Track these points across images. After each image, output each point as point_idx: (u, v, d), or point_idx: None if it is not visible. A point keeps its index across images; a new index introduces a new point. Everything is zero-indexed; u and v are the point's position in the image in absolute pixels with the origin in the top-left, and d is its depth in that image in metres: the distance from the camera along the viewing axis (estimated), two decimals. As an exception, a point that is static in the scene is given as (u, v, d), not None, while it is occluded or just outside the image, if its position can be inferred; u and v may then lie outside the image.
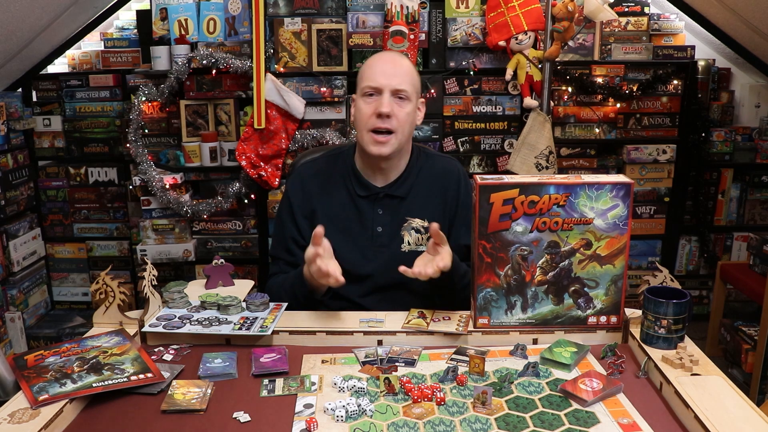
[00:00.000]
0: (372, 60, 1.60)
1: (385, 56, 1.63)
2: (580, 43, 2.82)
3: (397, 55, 1.63)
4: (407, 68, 1.58)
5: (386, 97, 1.52)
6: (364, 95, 1.56)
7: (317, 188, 1.64)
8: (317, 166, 1.68)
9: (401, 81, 1.53)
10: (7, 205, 2.81)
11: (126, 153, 2.85)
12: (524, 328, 1.35)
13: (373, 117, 1.52)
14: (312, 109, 2.77)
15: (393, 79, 1.52)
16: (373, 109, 1.52)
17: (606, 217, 1.29)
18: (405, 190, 1.61)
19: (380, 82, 1.52)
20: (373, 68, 1.56)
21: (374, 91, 1.53)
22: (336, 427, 1.05)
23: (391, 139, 1.53)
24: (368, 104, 1.54)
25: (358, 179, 1.62)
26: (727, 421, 1.00)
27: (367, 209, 1.61)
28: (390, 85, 1.52)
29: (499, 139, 2.82)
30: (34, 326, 2.96)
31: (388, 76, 1.53)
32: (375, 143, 1.53)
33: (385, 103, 1.51)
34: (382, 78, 1.53)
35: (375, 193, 1.61)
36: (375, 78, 1.53)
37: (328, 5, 2.73)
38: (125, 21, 3.11)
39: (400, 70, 1.55)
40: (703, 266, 3.12)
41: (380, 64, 1.56)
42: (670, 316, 1.23)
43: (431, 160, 1.68)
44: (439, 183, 1.64)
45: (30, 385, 1.13)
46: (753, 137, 3.01)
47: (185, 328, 1.35)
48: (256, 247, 2.92)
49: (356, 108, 1.59)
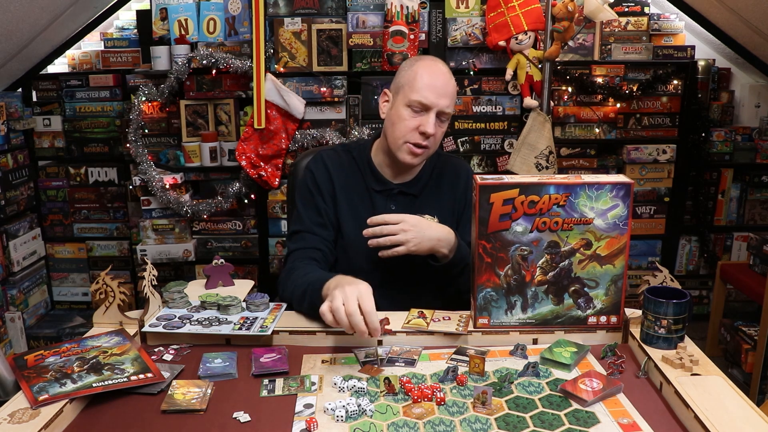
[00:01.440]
0: (422, 69, 1.54)
1: (437, 69, 1.55)
2: (580, 43, 2.82)
3: (448, 70, 1.58)
4: (453, 87, 1.57)
5: (432, 117, 1.52)
6: (408, 105, 1.53)
7: (339, 177, 1.65)
8: (337, 154, 1.70)
9: (449, 103, 1.54)
10: (7, 205, 2.81)
11: (126, 153, 2.85)
12: (524, 328, 1.35)
13: (416, 132, 1.53)
14: (312, 109, 2.77)
15: (442, 100, 1.52)
16: (416, 124, 1.52)
17: (606, 217, 1.29)
18: (419, 188, 1.66)
19: (431, 100, 1.51)
20: (424, 80, 1.52)
21: (422, 107, 1.52)
22: (336, 427, 1.05)
23: (425, 152, 1.57)
24: (413, 118, 1.53)
25: (374, 174, 1.65)
26: (727, 421, 1.00)
27: (381, 204, 1.64)
28: (439, 106, 1.52)
29: (499, 139, 2.82)
30: (34, 326, 2.96)
31: (439, 95, 1.51)
32: (411, 154, 1.56)
33: (431, 123, 1.51)
34: (434, 96, 1.51)
35: (390, 188, 1.64)
36: (426, 94, 1.51)
37: (328, 5, 2.73)
38: (125, 21, 3.11)
39: (450, 89, 1.55)
40: (703, 266, 3.12)
41: (431, 79, 1.52)
42: (670, 316, 1.23)
43: (442, 159, 1.72)
44: (450, 182, 1.69)
45: (30, 385, 1.13)
46: (753, 137, 3.01)
47: (185, 328, 1.35)
48: (256, 247, 2.92)
49: (397, 115, 1.55)
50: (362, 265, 1.60)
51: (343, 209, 1.62)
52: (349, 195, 1.64)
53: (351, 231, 1.61)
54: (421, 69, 1.55)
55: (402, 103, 1.55)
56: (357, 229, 1.56)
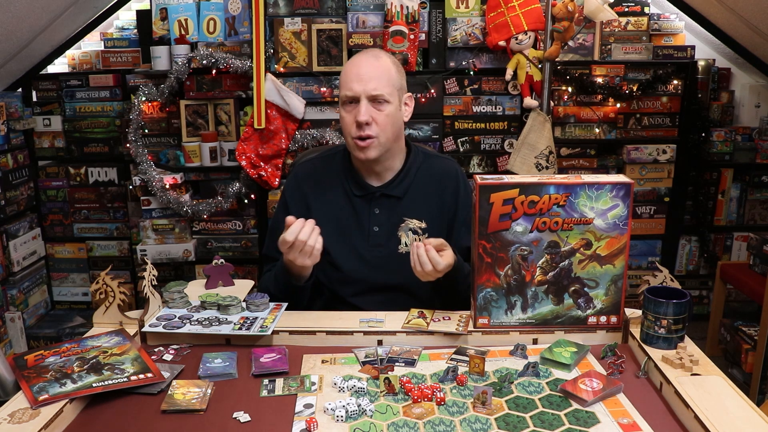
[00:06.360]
0: (347, 65, 1.56)
1: (359, 60, 1.55)
2: (580, 43, 2.82)
3: (371, 56, 1.56)
4: (383, 68, 1.53)
5: (363, 105, 1.50)
6: (343, 104, 1.54)
7: (313, 188, 1.63)
8: (313, 166, 1.68)
9: (377, 85, 1.50)
10: (7, 205, 2.81)
11: (126, 153, 2.85)
12: (524, 328, 1.35)
13: (354, 126, 1.52)
14: (312, 109, 2.77)
15: (368, 84, 1.49)
16: (353, 118, 1.51)
17: (606, 217, 1.29)
18: (402, 190, 1.61)
19: (355, 89, 1.50)
20: (348, 74, 1.53)
21: (351, 99, 1.51)
22: (336, 427, 1.05)
23: (373, 142, 1.52)
24: (348, 113, 1.53)
25: (355, 178, 1.62)
26: (727, 421, 1.00)
27: (364, 208, 1.60)
28: (365, 92, 1.49)
29: (499, 139, 2.82)
30: (34, 326, 2.96)
31: (363, 81, 1.50)
32: (359, 149, 1.53)
33: (363, 111, 1.49)
34: (357, 85, 1.50)
35: (371, 192, 1.60)
36: (350, 85, 1.51)
37: (328, 5, 2.73)
38: (125, 21, 3.11)
39: (375, 72, 1.51)
40: (703, 266, 3.12)
41: (354, 69, 1.52)
42: (670, 316, 1.23)
43: (430, 160, 1.67)
44: (437, 184, 1.63)
45: (30, 385, 1.13)
46: (753, 137, 3.01)
47: (185, 328, 1.35)
48: (256, 247, 2.92)
49: (340, 117, 1.57)
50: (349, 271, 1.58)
51: (322, 220, 1.50)
52: (327, 204, 1.61)
53: (332, 240, 1.54)
54: (347, 65, 1.56)
55: (340, 105, 1.56)
56: (338, 236, 1.54)
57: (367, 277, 1.58)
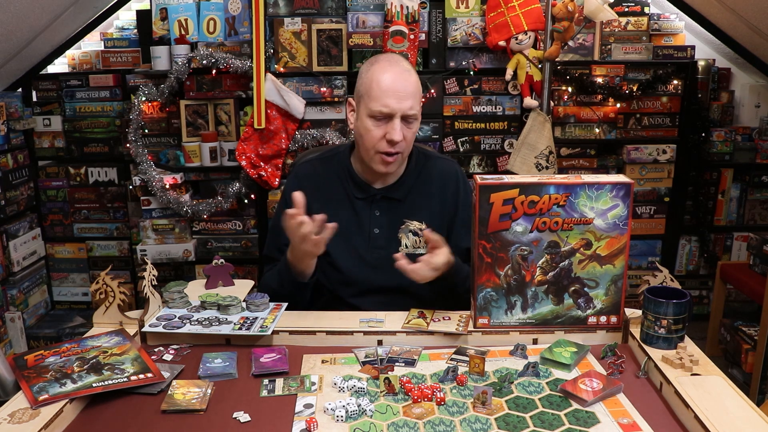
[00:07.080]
0: (378, 75, 1.48)
1: (393, 74, 1.48)
2: (580, 43, 2.82)
3: (405, 69, 1.50)
4: (415, 84, 1.50)
5: (397, 123, 1.46)
6: (372, 116, 1.48)
7: (313, 190, 1.59)
8: (313, 167, 1.66)
9: (412, 104, 1.47)
10: (7, 205, 2.81)
11: (126, 153, 2.85)
12: (524, 328, 1.35)
13: (383, 141, 1.48)
14: (312, 109, 2.77)
15: (404, 103, 1.45)
16: (382, 134, 1.47)
17: (606, 217, 1.29)
18: (403, 192, 1.60)
19: (392, 107, 1.45)
20: (382, 88, 1.46)
21: (385, 115, 1.47)
22: (336, 427, 1.05)
23: (398, 158, 1.52)
24: (377, 127, 1.47)
25: (355, 181, 1.61)
26: (727, 421, 1.00)
27: (364, 211, 1.60)
28: (402, 110, 1.46)
29: (499, 139, 2.82)
30: (34, 326, 2.96)
31: (399, 98, 1.45)
32: (383, 163, 1.51)
33: (397, 130, 1.45)
34: (395, 102, 1.45)
35: (372, 194, 1.59)
36: (386, 101, 1.45)
37: (328, 5, 2.73)
38: (125, 21, 3.11)
39: (410, 88, 1.47)
40: (703, 266, 3.12)
41: (390, 84, 1.46)
42: (670, 316, 1.23)
43: (430, 161, 1.66)
44: (438, 185, 1.62)
45: (30, 385, 1.13)
46: (753, 137, 3.01)
47: (185, 328, 1.35)
48: (256, 247, 2.92)
49: (363, 126, 1.50)
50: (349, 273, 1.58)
51: None
52: (327, 205, 1.55)
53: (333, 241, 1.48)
54: (377, 74, 1.48)
55: (365, 113, 1.49)
56: (339, 237, 1.47)
57: (367, 279, 1.58)
